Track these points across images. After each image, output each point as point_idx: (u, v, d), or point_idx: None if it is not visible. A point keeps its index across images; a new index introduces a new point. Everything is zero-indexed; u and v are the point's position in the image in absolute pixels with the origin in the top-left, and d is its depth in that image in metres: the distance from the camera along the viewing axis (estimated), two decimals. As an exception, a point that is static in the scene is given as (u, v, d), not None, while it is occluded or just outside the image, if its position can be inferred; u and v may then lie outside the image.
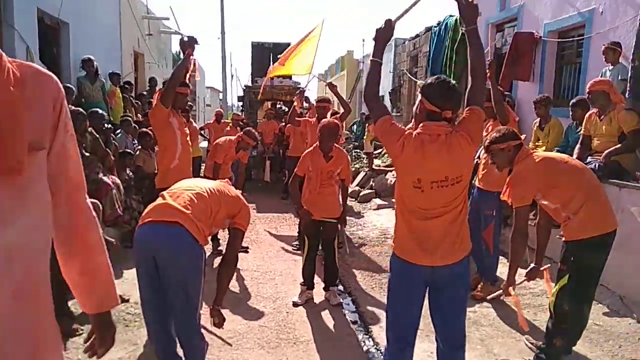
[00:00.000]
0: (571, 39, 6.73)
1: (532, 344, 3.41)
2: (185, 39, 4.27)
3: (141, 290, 2.64)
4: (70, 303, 3.87)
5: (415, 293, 2.40)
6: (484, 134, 4.59)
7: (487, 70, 4.32)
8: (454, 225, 2.30)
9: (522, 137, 3.16)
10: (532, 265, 3.30)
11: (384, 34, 2.39)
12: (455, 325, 2.43)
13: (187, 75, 4.27)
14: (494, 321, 3.95)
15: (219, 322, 2.84)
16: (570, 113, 5.33)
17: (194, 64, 4.25)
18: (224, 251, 5.61)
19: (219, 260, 5.39)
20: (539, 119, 5.80)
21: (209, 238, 5.44)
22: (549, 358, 3.02)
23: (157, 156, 4.27)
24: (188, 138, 4.28)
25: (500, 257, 4.69)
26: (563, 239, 3.04)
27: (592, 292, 3.07)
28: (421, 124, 2.28)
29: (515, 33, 7.54)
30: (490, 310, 4.15)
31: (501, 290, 3.19)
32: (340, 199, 4.41)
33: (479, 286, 4.51)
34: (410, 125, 2.46)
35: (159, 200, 2.66)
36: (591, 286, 3.04)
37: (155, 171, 5.15)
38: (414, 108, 2.38)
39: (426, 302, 2.46)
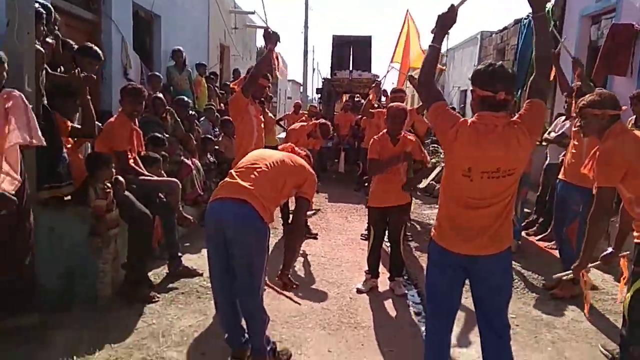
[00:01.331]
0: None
1: (608, 351, 3.18)
2: (270, 31, 4.43)
3: (210, 264, 2.79)
4: (150, 273, 4.19)
5: (453, 281, 2.37)
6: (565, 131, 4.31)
7: (577, 68, 4.07)
8: (499, 218, 2.24)
9: (623, 108, 2.87)
10: (610, 249, 3.03)
11: (446, 20, 2.35)
12: (497, 317, 2.36)
13: (273, 71, 4.43)
14: (568, 324, 3.73)
15: (289, 284, 2.94)
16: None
17: (277, 59, 4.39)
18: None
19: (306, 242, 5.56)
20: (634, 116, 5.36)
21: (282, 221, 5.69)
22: None
23: (235, 142, 4.47)
24: (262, 126, 4.46)
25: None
26: (635, 240, 2.79)
27: None
28: (477, 114, 2.23)
29: (612, 24, 6.98)
30: (567, 313, 3.93)
31: (571, 272, 2.97)
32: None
33: (560, 284, 4.27)
34: None
35: (228, 178, 2.79)
36: None
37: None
38: (471, 101, 2.33)
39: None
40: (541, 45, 2.29)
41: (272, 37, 4.29)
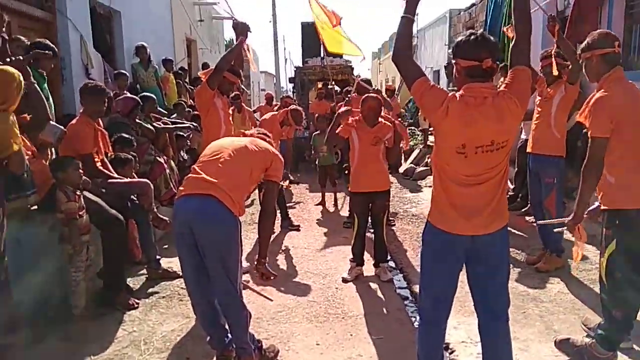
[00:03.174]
0: (642, -5, 6.14)
1: (589, 328, 3.14)
2: (238, 22, 4.27)
3: (182, 263, 2.68)
4: (129, 279, 4.04)
5: (454, 265, 2.29)
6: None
7: (552, 24, 3.93)
8: (496, 192, 2.17)
9: (616, 45, 2.71)
10: (597, 203, 2.96)
11: None
12: (498, 296, 2.30)
13: (242, 62, 4.28)
14: (555, 297, 3.72)
15: (266, 274, 2.86)
16: None
17: (248, 50, 4.24)
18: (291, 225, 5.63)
19: (288, 235, 5.50)
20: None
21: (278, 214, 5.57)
22: (611, 334, 2.77)
23: (202, 136, 4.32)
24: (231, 119, 4.33)
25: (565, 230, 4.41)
26: (602, 206, 2.75)
27: None
28: (464, 86, 2.12)
29: (577, -6, 6.98)
30: (552, 286, 3.92)
31: (562, 220, 2.91)
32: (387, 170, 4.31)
33: (543, 258, 4.27)
34: None
35: (191, 174, 2.67)
36: None
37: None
38: (453, 75, 2.22)
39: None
40: (519, 13, 2.23)
41: (242, 28, 4.15)
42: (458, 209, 2.18)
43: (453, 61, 2.18)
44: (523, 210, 5.98)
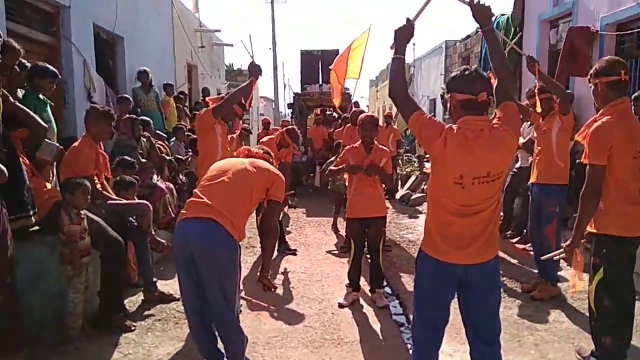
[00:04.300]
0: (630, 31, 6.34)
1: (583, 357, 3.16)
2: (255, 64, 4.48)
3: (181, 286, 2.70)
4: (125, 301, 4.04)
5: (446, 294, 2.33)
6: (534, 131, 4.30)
7: (531, 64, 4.07)
8: (489, 223, 2.23)
9: (622, 73, 2.72)
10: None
11: (404, 34, 2.36)
12: (490, 324, 2.33)
13: (248, 101, 4.47)
14: (550, 325, 3.74)
15: (268, 285, 2.95)
16: (633, 108, 5.01)
17: (252, 93, 4.44)
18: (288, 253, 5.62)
19: (285, 259, 5.50)
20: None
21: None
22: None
23: (197, 160, 4.38)
24: (228, 147, 4.42)
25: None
26: (589, 229, 2.82)
27: (632, 281, 2.84)
28: (460, 120, 2.19)
29: (569, 28, 7.20)
30: (547, 314, 3.94)
31: (562, 250, 2.91)
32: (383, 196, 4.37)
33: (539, 286, 4.30)
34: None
35: (193, 198, 2.71)
36: (630, 275, 2.82)
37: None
38: (449, 108, 2.31)
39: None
40: (494, 56, 2.35)
41: (255, 70, 4.33)
42: (452, 239, 2.22)
43: (447, 95, 2.26)
44: (518, 238, 6.02)
